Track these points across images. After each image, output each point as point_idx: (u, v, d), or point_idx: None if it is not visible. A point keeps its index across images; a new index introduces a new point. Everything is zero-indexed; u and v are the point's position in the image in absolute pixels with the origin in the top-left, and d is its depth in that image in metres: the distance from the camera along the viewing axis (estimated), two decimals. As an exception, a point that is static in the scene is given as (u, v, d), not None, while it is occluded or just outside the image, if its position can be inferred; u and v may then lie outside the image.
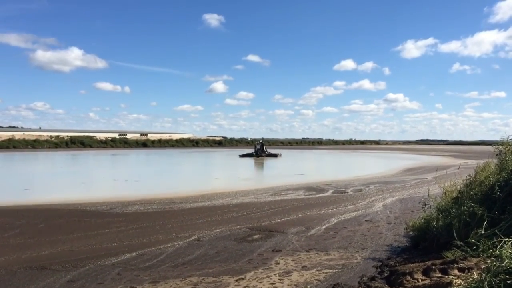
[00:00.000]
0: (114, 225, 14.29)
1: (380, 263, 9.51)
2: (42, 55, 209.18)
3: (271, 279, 8.73)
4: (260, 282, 8.57)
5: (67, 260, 10.18)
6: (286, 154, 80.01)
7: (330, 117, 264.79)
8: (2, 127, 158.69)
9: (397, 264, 8.90)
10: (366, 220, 15.19)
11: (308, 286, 7.03)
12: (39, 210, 17.57)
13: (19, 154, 76.97)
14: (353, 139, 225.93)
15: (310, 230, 13.64)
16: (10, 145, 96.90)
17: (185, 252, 10.93)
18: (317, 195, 22.02)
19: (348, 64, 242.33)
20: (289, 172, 40.85)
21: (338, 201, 20.14)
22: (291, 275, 8.95)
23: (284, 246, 11.48)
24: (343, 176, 34.30)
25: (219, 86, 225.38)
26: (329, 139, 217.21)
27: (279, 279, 8.67)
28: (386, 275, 8.18)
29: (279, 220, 15.25)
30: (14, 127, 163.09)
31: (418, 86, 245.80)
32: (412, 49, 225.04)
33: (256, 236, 12.76)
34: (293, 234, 13.07)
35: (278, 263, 9.82)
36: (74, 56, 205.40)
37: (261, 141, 76.04)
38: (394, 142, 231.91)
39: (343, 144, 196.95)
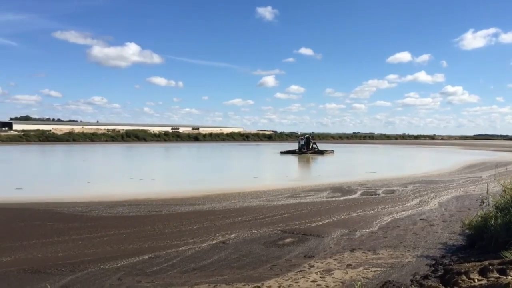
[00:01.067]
0: (77, 232, 12.34)
1: (433, 262, 9.27)
2: (100, 51, 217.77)
3: (310, 277, 8.52)
4: (296, 282, 8.58)
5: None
6: (337, 149, 73.22)
7: (382, 111, 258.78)
8: (63, 121, 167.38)
9: (452, 263, 8.65)
10: (421, 219, 14.76)
11: (359, 283, 6.99)
12: (5, 209, 16.12)
13: (78, 146, 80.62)
14: (406, 134, 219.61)
15: (354, 232, 12.89)
16: (70, 138, 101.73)
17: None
18: (371, 196, 21.49)
19: (403, 56, 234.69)
20: (341, 171, 37.08)
21: (385, 201, 19.71)
22: (333, 273, 8.82)
23: (320, 251, 10.47)
24: (397, 173, 33.24)
25: (270, 80, 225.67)
26: (381, 134, 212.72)
27: (320, 277, 8.50)
28: (440, 274, 7.98)
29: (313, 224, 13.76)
30: (74, 120, 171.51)
31: (477, 78, 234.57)
32: (472, 39, 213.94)
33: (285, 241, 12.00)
34: (334, 237, 11.97)
35: (312, 266, 9.26)
36: (131, 52, 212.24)
37: (307, 135, 65.59)
38: (449, 137, 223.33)
39: (396, 139, 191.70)
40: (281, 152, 61.21)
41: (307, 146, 60.83)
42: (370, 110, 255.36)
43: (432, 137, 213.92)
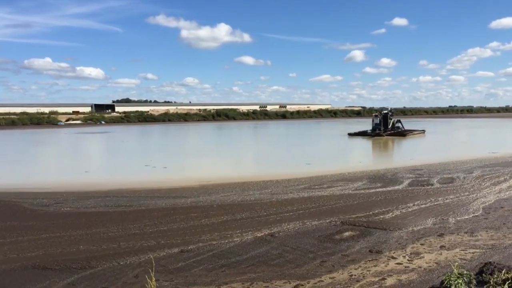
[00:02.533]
0: (17, 233, 10.47)
1: (541, 244, 8.69)
2: (191, 33, 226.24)
3: (396, 260, 8.27)
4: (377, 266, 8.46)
5: None
6: (431, 126, 66.13)
7: (483, 82, 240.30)
8: (159, 102, 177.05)
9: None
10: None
11: (456, 264, 6.81)
12: None
13: (173, 126, 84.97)
14: (511, 106, 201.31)
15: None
16: (166, 118, 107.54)
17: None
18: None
19: (509, 21, 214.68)
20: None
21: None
22: (423, 256, 8.60)
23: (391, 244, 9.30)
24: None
25: (359, 54, 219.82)
26: (480, 107, 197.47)
27: (408, 260, 8.27)
28: (548, 257, 7.47)
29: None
30: (168, 102, 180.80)
31: None
32: None
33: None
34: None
35: (392, 257, 8.38)
36: (221, 32, 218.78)
37: (385, 111, 50.30)
38: None
39: (498, 111, 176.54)
40: (349, 134, 48.37)
41: (384, 125, 47.93)
42: (470, 81, 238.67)
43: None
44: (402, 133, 47.08)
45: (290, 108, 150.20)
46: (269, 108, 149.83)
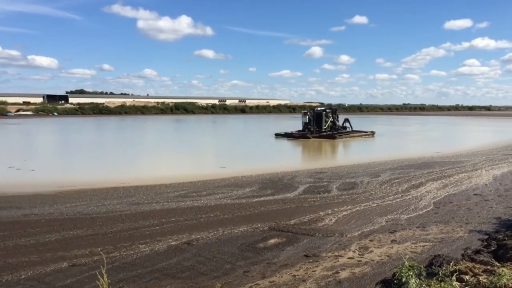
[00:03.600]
0: None
1: (486, 237, 9.05)
2: (150, 25, 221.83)
3: (347, 254, 8.34)
4: (335, 261, 8.57)
5: None
6: (383, 126, 67.39)
7: (436, 81, 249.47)
8: (115, 94, 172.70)
9: (506, 238, 8.41)
10: (475, 194, 14.36)
11: (407, 256, 6.97)
12: None
13: (129, 118, 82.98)
14: (460, 105, 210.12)
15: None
16: (122, 111, 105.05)
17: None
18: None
19: (462, 23, 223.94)
20: None
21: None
22: (373, 251, 8.77)
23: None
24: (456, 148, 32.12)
25: (318, 50, 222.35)
26: (432, 105, 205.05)
27: (359, 254, 8.34)
28: (493, 248, 7.80)
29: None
30: (125, 94, 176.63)
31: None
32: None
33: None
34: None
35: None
36: (181, 24, 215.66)
37: (321, 109, 44.67)
38: (507, 108, 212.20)
39: (449, 110, 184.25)
40: (276, 135, 40.89)
41: (317, 125, 41.01)
42: (424, 80, 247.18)
43: (488, 108, 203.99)
44: (332, 136, 39.01)
45: (249, 103, 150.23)
46: (228, 102, 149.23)
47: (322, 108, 45.84)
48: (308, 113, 42.03)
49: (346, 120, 45.19)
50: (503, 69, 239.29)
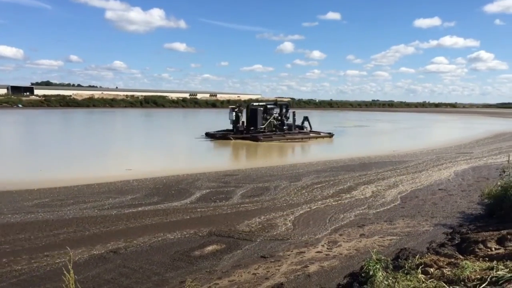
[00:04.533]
0: None
1: (451, 230, 9.28)
2: (120, 16, 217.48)
3: (316, 248, 8.38)
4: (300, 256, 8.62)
5: None
6: (356, 119, 68.17)
7: (405, 78, 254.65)
8: (83, 86, 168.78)
9: (469, 231, 8.64)
10: (439, 189, 14.74)
11: (374, 250, 7.07)
12: None
13: (97, 111, 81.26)
14: (427, 102, 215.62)
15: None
16: (90, 103, 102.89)
17: None
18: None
19: (430, 21, 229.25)
20: None
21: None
22: (343, 244, 8.92)
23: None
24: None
25: (290, 45, 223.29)
26: (401, 102, 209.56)
27: (327, 248, 8.41)
28: (457, 242, 7.99)
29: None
30: (93, 86, 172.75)
31: (509, 45, 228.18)
32: (508, 4, 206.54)
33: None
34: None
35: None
36: (152, 15, 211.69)
37: (255, 105, 37.69)
38: (471, 105, 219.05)
39: (416, 106, 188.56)
40: (207, 134, 34.94)
41: (252, 124, 35.04)
42: (393, 77, 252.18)
43: (454, 105, 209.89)
44: (256, 138, 31.99)
45: (220, 97, 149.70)
46: (199, 96, 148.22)
47: (263, 103, 38.92)
48: (236, 109, 35.68)
49: (306, 118, 38.27)
50: (469, 67, 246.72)
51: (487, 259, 5.66)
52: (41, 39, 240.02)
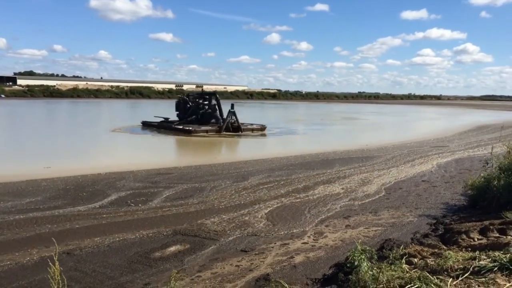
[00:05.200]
0: None
1: (434, 221, 9.39)
2: (105, 4, 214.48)
3: (302, 239, 8.37)
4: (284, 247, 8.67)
5: None
6: (341, 111, 68.24)
7: (391, 70, 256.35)
8: (67, 77, 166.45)
9: (452, 222, 8.76)
10: (423, 181, 14.91)
11: (359, 241, 7.14)
12: None
13: (82, 102, 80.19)
14: (413, 94, 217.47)
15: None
16: (75, 94, 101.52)
17: None
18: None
19: (418, 14, 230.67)
20: None
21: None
22: (327, 236, 8.97)
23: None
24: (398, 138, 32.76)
25: (278, 36, 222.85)
26: (386, 94, 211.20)
27: (313, 239, 8.44)
28: (440, 232, 8.10)
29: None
30: (78, 77, 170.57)
31: (495, 37, 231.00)
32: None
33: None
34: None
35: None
36: (141, 5, 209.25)
37: (181, 96, 37.84)
38: (456, 98, 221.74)
39: (401, 99, 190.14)
40: (143, 124, 35.12)
41: (183, 114, 34.48)
42: (380, 69, 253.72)
43: (439, 98, 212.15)
44: (187, 131, 30.17)
45: (206, 88, 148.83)
46: (185, 87, 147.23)
47: (196, 93, 37.82)
48: (179, 98, 35.59)
49: (232, 112, 32.04)
50: (454, 59, 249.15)
51: (470, 249, 5.75)
52: (24, 28, 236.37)
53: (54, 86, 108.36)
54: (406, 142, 26.40)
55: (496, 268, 4.20)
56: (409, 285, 3.95)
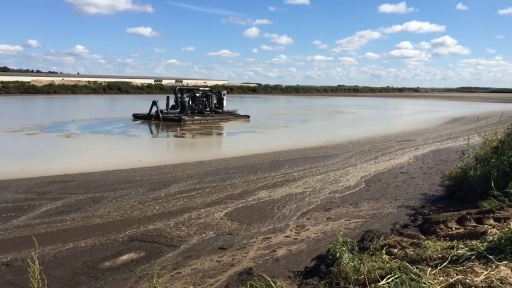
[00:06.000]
0: None
1: (413, 212, 9.54)
2: None
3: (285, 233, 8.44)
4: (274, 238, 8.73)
5: None
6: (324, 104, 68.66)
7: (370, 63, 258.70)
8: (42, 72, 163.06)
9: (431, 212, 8.90)
10: (401, 172, 15.09)
11: (341, 233, 7.21)
12: None
13: (59, 98, 78.54)
14: (391, 87, 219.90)
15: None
16: (51, 90, 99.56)
17: None
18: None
19: (396, 7, 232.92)
20: None
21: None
22: (310, 228, 9.05)
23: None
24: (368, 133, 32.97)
25: (257, 30, 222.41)
26: (365, 87, 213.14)
27: (296, 233, 8.48)
28: (419, 223, 8.22)
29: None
30: (53, 72, 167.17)
31: (472, 30, 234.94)
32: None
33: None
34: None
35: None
36: (120, 0, 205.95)
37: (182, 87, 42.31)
38: (433, 90, 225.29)
39: (380, 91, 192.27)
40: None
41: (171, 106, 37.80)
42: (359, 62, 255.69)
43: (416, 90, 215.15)
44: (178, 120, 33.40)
45: (186, 83, 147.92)
46: (165, 82, 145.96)
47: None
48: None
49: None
50: (432, 52, 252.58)
51: (448, 238, 5.84)
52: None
53: (29, 82, 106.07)
54: (371, 136, 25.35)
55: (473, 257, 4.28)
56: (389, 275, 4.00)
